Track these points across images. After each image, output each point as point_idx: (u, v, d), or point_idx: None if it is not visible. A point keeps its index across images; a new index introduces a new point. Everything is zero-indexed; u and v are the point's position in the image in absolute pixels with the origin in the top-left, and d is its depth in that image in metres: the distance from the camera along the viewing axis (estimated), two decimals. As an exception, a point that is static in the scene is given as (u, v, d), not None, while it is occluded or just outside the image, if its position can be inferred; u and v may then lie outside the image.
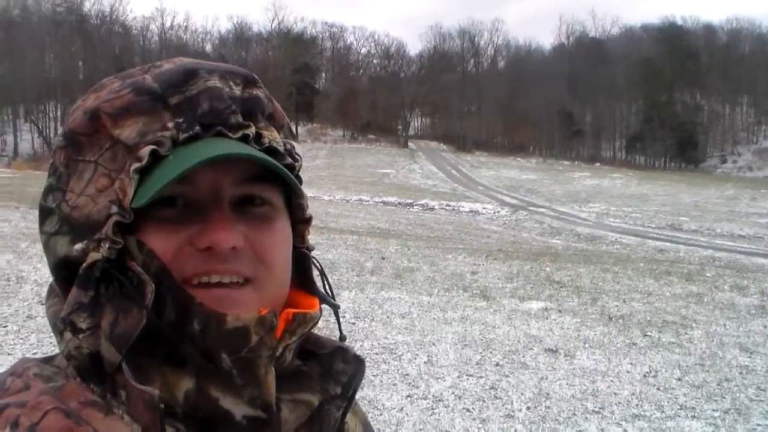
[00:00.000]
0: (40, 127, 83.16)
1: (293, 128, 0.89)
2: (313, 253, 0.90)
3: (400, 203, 37.27)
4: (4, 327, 7.46)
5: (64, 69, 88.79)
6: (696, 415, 6.21)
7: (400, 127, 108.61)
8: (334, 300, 0.89)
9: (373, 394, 6.27)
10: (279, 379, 0.75)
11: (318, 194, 37.80)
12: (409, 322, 8.90)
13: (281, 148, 0.80)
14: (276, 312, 0.75)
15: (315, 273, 0.89)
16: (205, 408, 0.72)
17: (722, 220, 31.79)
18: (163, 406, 0.68)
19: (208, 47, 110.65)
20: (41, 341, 6.83)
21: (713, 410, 6.33)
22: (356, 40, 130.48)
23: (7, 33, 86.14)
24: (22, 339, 7.06)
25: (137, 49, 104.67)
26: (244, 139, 0.76)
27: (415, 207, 36.02)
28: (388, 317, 9.05)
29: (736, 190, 53.49)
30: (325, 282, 0.89)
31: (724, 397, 6.69)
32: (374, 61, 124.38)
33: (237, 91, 0.79)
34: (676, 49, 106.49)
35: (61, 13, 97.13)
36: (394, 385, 6.60)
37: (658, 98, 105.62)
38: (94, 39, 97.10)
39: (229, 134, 0.76)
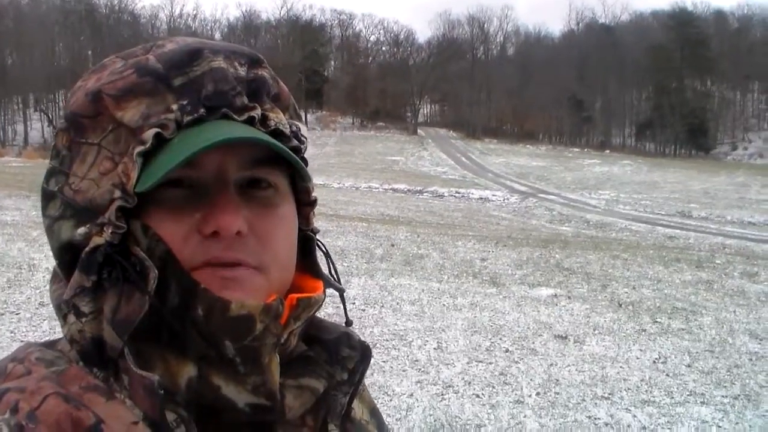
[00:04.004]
0: (50, 116, 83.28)
1: (299, 111, 0.87)
2: (323, 241, 0.88)
3: (409, 190, 37.27)
4: (17, 314, 7.51)
5: (73, 58, 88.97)
6: (705, 401, 6.21)
7: (409, 114, 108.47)
8: (340, 283, 0.87)
9: (383, 380, 6.28)
10: (284, 364, 0.74)
11: (328, 182, 37.81)
12: (418, 308, 8.91)
13: (287, 131, 0.79)
14: (282, 299, 0.74)
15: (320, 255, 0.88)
16: (207, 396, 0.71)
17: (732, 207, 31.70)
18: (163, 392, 0.67)
19: (217, 35, 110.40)
20: (53, 328, 6.87)
21: (723, 396, 6.33)
22: (365, 27, 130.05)
23: (17, 23, 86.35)
24: (34, 326, 7.10)
25: (146, 37, 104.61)
26: (250, 121, 0.75)
27: (424, 194, 36.04)
28: (397, 304, 9.06)
29: (747, 177, 53.27)
30: (330, 265, 0.88)
31: (733, 384, 6.68)
32: (383, 48, 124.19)
33: (242, 71, 0.77)
34: (686, 35, 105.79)
35: (70, 2, 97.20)
36: (404, 371, 6.62)
37: (669, 85, 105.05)
38: (102, 28, 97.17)
39: (235, 117, 0.74)
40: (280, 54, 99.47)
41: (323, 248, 0.88)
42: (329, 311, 5.15)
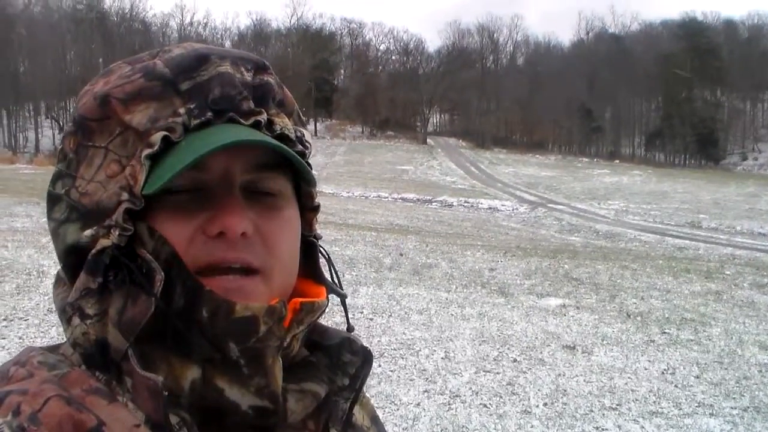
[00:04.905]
0: (61, 123, 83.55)
1: (308, 122, 0.88)
2: (333, 250, 0.89)
3: (418, 200, 37.28)
4: (25, 320, 7.53)
5: (85, 66, 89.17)
6: (714, 412, 6.18)
7: (418, 123, 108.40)
8: (342, 289, 0.88)
9: (390, 389, 6.27)
10: (286, 369, 0.75)
11: (337, 191, 37.87)
12: (426, 318, 8.90)
13: (292, 135, 0.80)
14: (285, 302, 0.74)
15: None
16: (211, 398, 0.72)
17: (742, 218, 31.53)
18: (167, 393, 0.68)
19: (228, 44, 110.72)
20: (61, 334, 6.87)
21: (732, 408, 6.29)
22: (375, 36, 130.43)
23: (29, 30, 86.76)
24: (42, 332, 7.13)
25: (156, 45, 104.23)
26: (256, 125, 0.76)
27: (433, 203, 36.04)
28: (406, 313, 9.05)
29: (757, 187, 52.99)
30: (333, 271, 0.88)
31: (742, 395, 6.65)
32: (393, 57, 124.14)
33: (248, 77, 0.78)
34: (696, 44, 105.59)
35: (82, 10, 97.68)
36: (412, 380, 6.61)
37: (678, 95, 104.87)
38: (114, 36, 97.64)
39: (241, 121, 0.75)
40: (290, 62, 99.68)
41: (325, 254, 0.89)
42: (337, 320, 5.15)
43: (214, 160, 0.73)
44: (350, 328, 0.88)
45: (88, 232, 0.72)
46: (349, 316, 0.92)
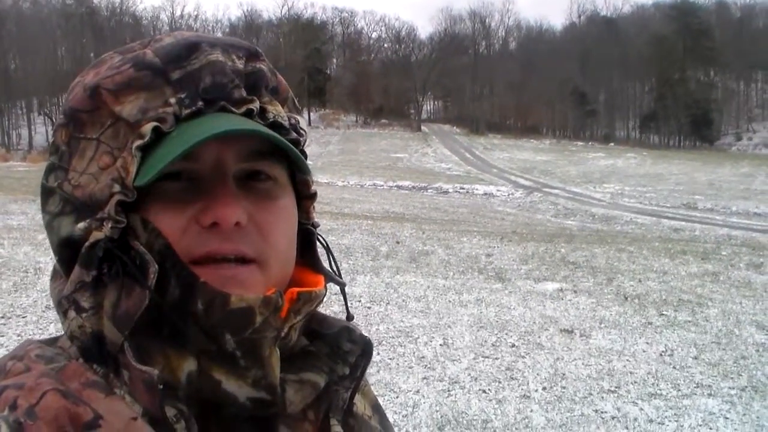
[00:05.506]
0: (54, 119, 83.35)
1: (301, 112, 0.87)
2: (328, 239, 0.88)
3: (414, 187, 37.26)
4: (23, 318, 7.52)
5: (76, 61, 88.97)
6: (712, 393, 6.20)
7: (412, 111, 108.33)
8: (340, 277, 0.87)
9: (389, 377, 6.28)
10: (285, 359, 0.74)
11: (332, 180, 37.83)
12: (424, 305, 8.91)
13: (286, 123, 0.79)
14: (282, 292, 0.73)
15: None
16: (208, 390, 0.71)
17: (738, 198, 31.60)
18: (162, 386, 0.67)
19: (219, 36, 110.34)
20: (59, 331, 6.88)
21: (730, 388, 6.31)
22: (367, 24, 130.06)
23: (19, 26, 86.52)
24: (41, 329, 7.12)
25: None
26: (249, 114, 0.75)
27: (429, 190, 36.02)
28: (403, 301, 9.05)
29: (752, 167, 53.09)
30: (331, 259, 0.87)
31: (740, 375, 6.67)
32: (385, 45, 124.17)
33: (240, 64, 0.77)
34: (688, 25, 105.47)
35: (71, 5, 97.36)
36: (411, 367, 6.61)
37: (672, 76, 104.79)
38: (104, 30, 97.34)
39: (233, 109, 0.74)
40: (282, 53, 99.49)
41: (324, 242, 0.88)
42: (335, 309, 5.15)
43: (206, 150, 0.72)
44: (350, 317, 0.88)
45: (81, 225, 0.71)
46: (348, 304, 0.92)
